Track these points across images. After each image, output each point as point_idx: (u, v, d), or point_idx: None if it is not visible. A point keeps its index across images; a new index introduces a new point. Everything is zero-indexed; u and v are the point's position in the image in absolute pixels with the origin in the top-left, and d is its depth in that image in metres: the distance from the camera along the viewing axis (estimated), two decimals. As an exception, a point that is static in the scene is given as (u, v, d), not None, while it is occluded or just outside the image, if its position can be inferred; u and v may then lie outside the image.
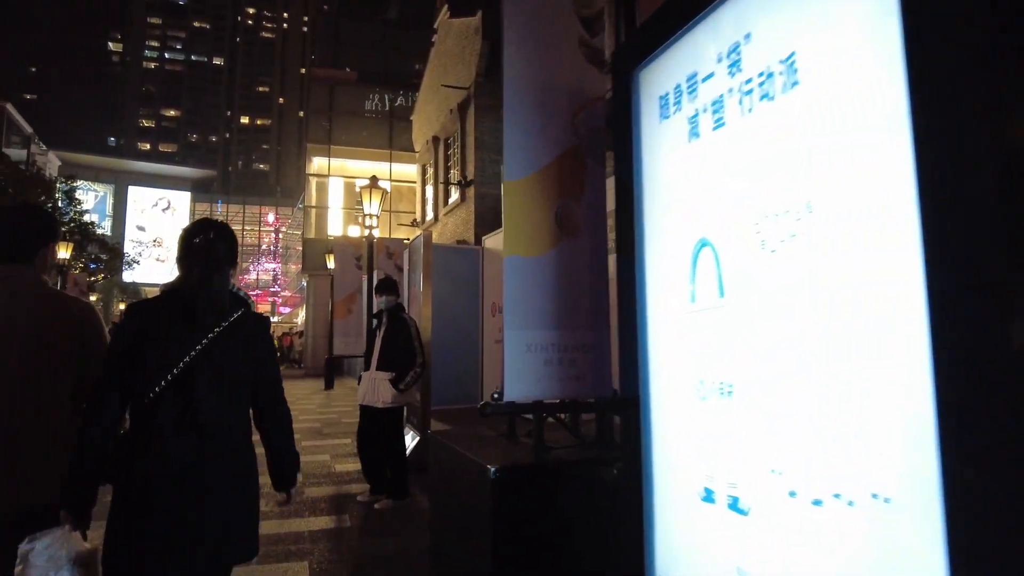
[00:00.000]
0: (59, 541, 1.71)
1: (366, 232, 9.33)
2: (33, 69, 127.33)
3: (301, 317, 39.79)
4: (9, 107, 43.87)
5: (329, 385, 16.55)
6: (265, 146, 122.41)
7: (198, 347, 1.84)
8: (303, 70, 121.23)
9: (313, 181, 24.66)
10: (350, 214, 25.01)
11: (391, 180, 24.26)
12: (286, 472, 2.08)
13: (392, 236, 24.20)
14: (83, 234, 25.01)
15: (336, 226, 24.22)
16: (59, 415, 2.00)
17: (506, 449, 2.92)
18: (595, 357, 2.19)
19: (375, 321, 5.54)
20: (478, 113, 15.06)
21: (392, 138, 24.18)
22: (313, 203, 24.61)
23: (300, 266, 49.49)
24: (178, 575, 1.79)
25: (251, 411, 2.01)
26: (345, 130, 23.87)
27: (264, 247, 71.22)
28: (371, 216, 9.21)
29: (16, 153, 35.61)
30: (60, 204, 23.93)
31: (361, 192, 9.21)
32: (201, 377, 1.84)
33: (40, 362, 1.98)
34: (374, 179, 9.28)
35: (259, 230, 74.88)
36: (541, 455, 2.68)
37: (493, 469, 2.43)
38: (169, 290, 1.97)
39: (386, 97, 24.53)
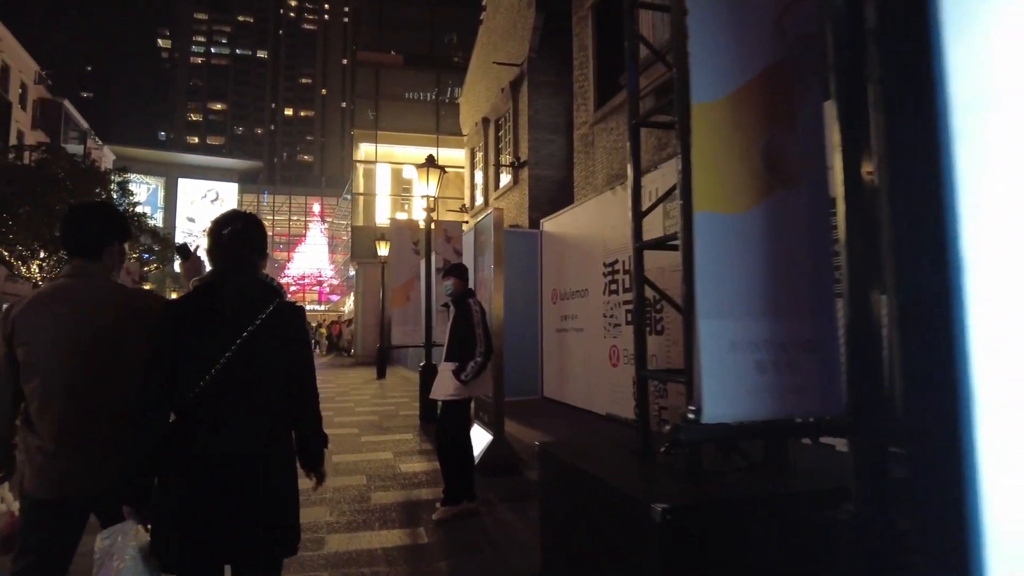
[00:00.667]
0: (128, 536, 1.81)
1: (421, 215, 8.79)
2: (89, 69, 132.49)
3: (348, 305, 39.92)
4: (66, 104, 45.28)
5: (381, 374, 16.21)
6: (309, 137, 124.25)
7: (237, 341, 1.85)
8: (344, 61, 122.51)
9: (360, 168, 24.32)
10: (397, 201, 24.64)
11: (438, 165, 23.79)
12: (314, 452, 2.10)
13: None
14: (136, 225, 25.28)
15: (384, 213, 23.87)
16: (125, 408, 1.98)
17: (652, 474, 2.26)
18: (822, 359, 1.53)
19: (447, 308, 5.01)
20: (532, 90, 14.34)
21: (439, 122, 23.63)
22: (361, 190, 24.28)
23: (347, 255, 50.00)
24: (225, 562, 1.88)
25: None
26: (391, 115, 23.40)
27: (310, 237, 71.94)
28: (428, 198, 8.63)
29: (74, 148, 36.52)
30: (114, 196, 24.19)
31: (417, 172, 8.64)
32: (241, 371, 1.86)
33: (115, 354, 2.04)
34: (431, 158, 8.70)
35: (305, 220, 75.85)
36: (714, 486, 2.02)
37: (660, 508, 1.78)
38: (202, 284, 1.95)
39: (433, 80, 23.96)
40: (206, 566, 1.86)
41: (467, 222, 16.86)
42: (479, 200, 18.54)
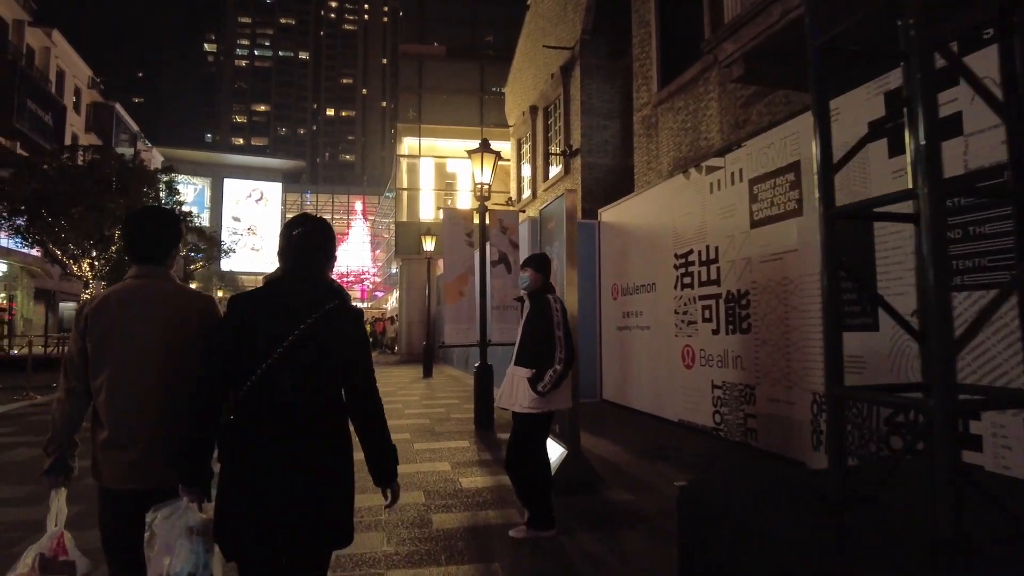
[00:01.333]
0: (178, 512, 1.92)
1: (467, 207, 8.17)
2: (140, 75, 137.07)
3: (391, 303, 39.76)
4: (118, 107, 46.45)
5: (428, 373, 15.71)
6: (350, 137, 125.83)
7: (294, 334, 1.91)
8: (384, 60, 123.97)
9: (404, 163, 23.88)
10: (441, 196, 24.16)
11: (482, 158, 23.23)
12: (384, 465, 2.08)
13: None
14: (182, 223, 25.36)
15: (428, 209, 23.43)
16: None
17: (872, 539, 1.54)
18: None
19: (520, 304, 4.35)
20: (584, 74, 13.59)
21: (483, 114, 23.03)
22: (404, 185, 23.86)
23: (388, 252, 50.06)
24: (275, 546, 1.88)
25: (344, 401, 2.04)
26: (435, 108, 22.87)
27: (352, 234, 72.45)
28: (482, 186, 8.00)
29: (124, 150, 37.24)
30: (162, 195, 24.36)
31: (471, 158, 8.01)
32: (297, 363, 1.91)
33: (175, 352, 2.14)
34: (485, 142, 8.07)
35: (347, 218, 76.47)
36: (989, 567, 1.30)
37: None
38: (270, 281, 2.06)
39: (476, 71, 23.37)
40: (261, 553, 1.89)
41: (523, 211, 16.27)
42: (526, 193, 17.88)
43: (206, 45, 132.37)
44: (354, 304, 2.12)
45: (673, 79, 9.73)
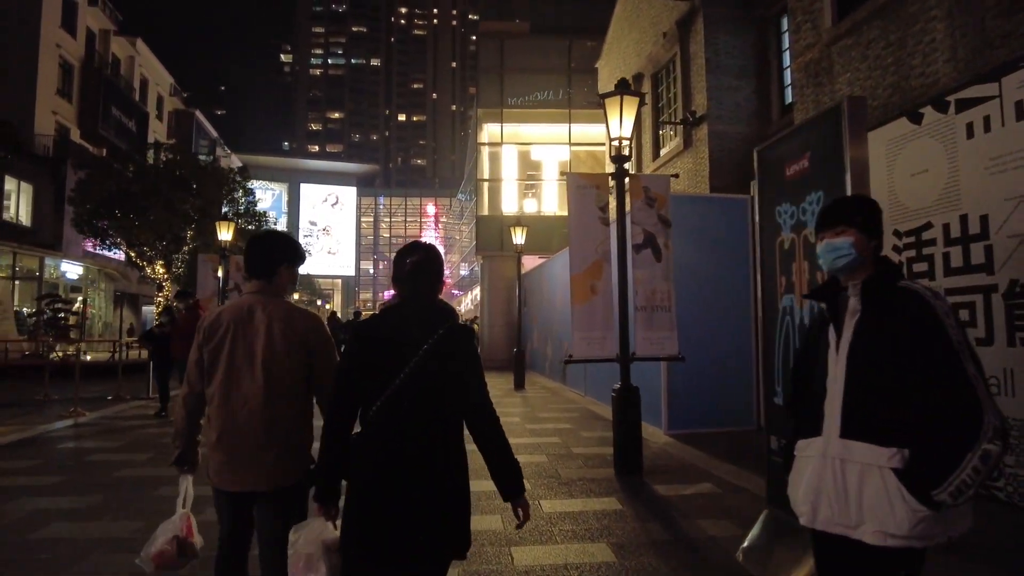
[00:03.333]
0: (316, 529, 2.03)
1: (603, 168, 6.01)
2: (222, 88, 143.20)
3: (465, 304, 38.12)
4: (197, 114, 47.28)
5: (519, 384, 13.68)
6: (421, 141, 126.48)
7: (415, 359, 1.97)
8: (453, 64, 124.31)
9: (485, 151, 21.94)
10: (524, 188, 22.14)
11: (570, 144, 20.98)
12: (511, 479, 2.09)
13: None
14: (257, 224, 24.60)
15: (511, 202, 21.43)
16: (295, 410, 2.37)
17: None
18: None
19: (816, 311, 2.13)
20: (709, 27, 11.22)
21: (571, 96, 20.83)
22: (485, 176, 21.91)
23: (462, 254, 48.71)
24: (401, 559, 1.94)
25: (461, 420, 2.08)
26: (518, 90, 20.82)
27: (425, 236, 72.24)
28: (622, 140, 5.86)
29: (204, 158, 37.43)
30: (237, 196, 23.63)
31: (606, 107, 5.88)
32: (418, 385, 1.97)
33: (282, 364, 2.34)
34: (624, 83, 5.92)
35: (419, 220, 76.22)
36: None
37: None
38: (387, 308, 2.17)
39: (563, 49, 21.16)
40: (384, 570, 1.96)
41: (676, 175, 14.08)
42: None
43: (282, 56, 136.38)
44: (464, 323, 2.18)
45: (860, 4, 7.31)
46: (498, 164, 21.72)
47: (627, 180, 5.85)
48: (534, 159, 21.86)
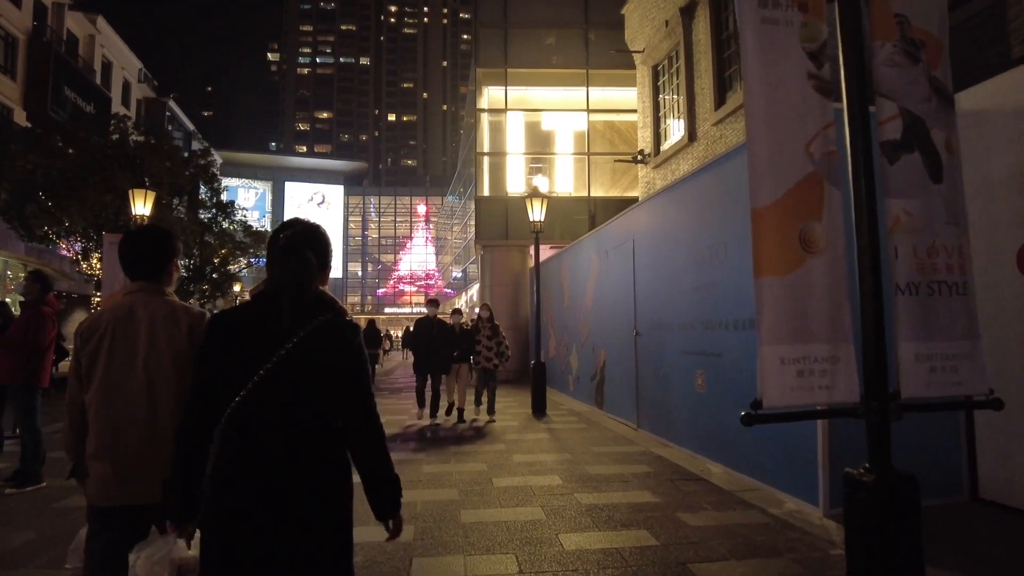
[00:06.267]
0: (163, 550, 1.78)
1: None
2: (208, 89, 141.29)
3: (461, 304, 34.66)
4: (171, 103, 43.98)
5: (539, 409, 10.25)
6: (412, 142, 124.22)
7: (279, 354, 1.70)
8: (444, 63, 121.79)
9: (485, 119, 18.41)
10: (532, 165, 18.74)
11: (588, 111, 17.55)
12: (388, 498, 1.83)
13: (592, 194, 17.63)
14: (220, 208, 21.21)
15: (516, 180, 17.90)
16: (174, 419, 2.04)
17: None
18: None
19: None
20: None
21: (588, 55, 17.42)
22: (485, 149, 18.40)
23: (453, 255, 45.41)
24: None
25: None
26: (525, 48, 17.39)
27: (416, 237, 69.05)
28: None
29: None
30: (193, 176, 20.28)
31: None
32: (279, 392, 1.69)
33: (162, 367, 2.14)
34: None
35: (410, 220, 72.99)
36: None
37: None
38: (257, 295, 1.83)
39: (578, -1, 17.78)
40: None
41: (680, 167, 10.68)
42: (675, 137, 12.26)
43: (269, 55, 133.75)
44: (348, 318, 1.85)
45: None
46: (501, 135, 18.19)
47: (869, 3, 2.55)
48: (545, 129, 18.40)
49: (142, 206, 9.79)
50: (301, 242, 1.81)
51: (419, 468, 6.24)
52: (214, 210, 21.57)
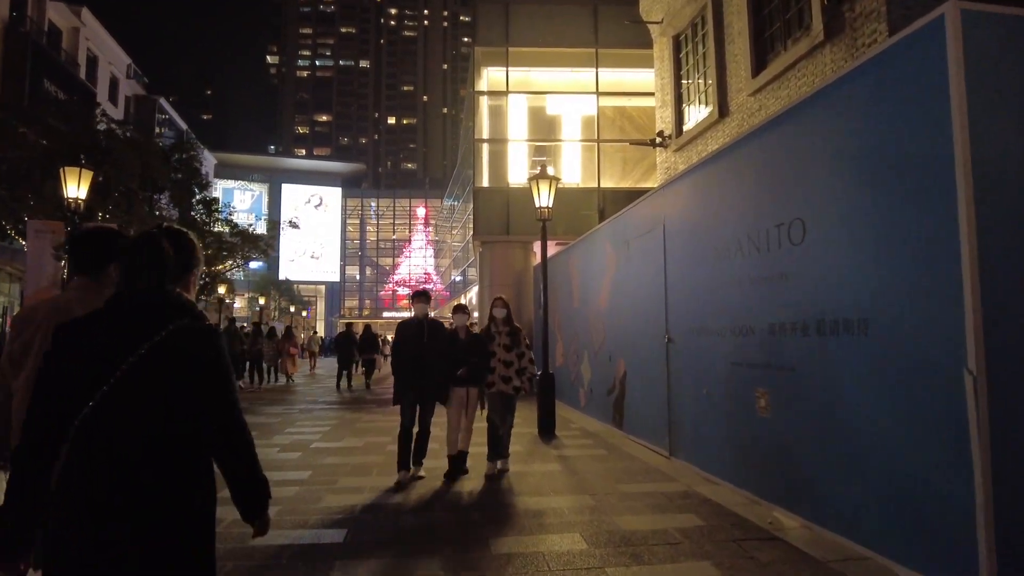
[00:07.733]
0: None
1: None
2: (208, 92, 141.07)
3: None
4: (162, 101, 42.85)
5: (547, 429, 8.73)
6: (412, 145, 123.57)
7: (125, 365, 1.53)
8: (445, 66, 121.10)
9: (484, 102, 16.89)
10: (536, 152, 17.22)
11: (597, 93, 16.02)
12: (256, 499, 1.70)
13: (602, 185, 16.11)
14: (205, 206, 19.87)
15: (519, 169, 16.33)
16: None
17: None
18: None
19: None
20: None
21: (598, 33, 15.92)
22: (484, 135, 16.86)
23: (451, 258, 43.94)
24: None
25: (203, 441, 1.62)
26: (528, 25, 15.85)
27: (415, 240, 67.68)
28: None
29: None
30: (175, 174, 18.98)
31: None
32: (126, 408, 1.52)
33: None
34: None
35: (409, 223, 71.59)
36: None
37: None
38: (108, 301, 1.68)
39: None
40: None
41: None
42: (700, 114, 10.76)
43: (268, 58, 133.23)
44: (206, 324, 1.67)
45: None
46: (502, 120, 16.64)
47: None
48: (550, 113, 16.87)
49: (75, 188, 8.31)
50: (152, 240, 1.67)
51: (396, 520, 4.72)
52: (199, 207, 20.27)
